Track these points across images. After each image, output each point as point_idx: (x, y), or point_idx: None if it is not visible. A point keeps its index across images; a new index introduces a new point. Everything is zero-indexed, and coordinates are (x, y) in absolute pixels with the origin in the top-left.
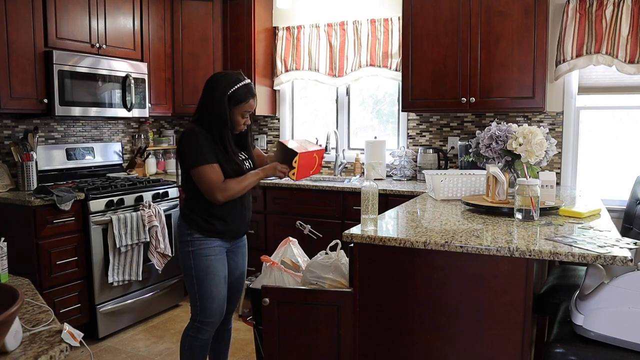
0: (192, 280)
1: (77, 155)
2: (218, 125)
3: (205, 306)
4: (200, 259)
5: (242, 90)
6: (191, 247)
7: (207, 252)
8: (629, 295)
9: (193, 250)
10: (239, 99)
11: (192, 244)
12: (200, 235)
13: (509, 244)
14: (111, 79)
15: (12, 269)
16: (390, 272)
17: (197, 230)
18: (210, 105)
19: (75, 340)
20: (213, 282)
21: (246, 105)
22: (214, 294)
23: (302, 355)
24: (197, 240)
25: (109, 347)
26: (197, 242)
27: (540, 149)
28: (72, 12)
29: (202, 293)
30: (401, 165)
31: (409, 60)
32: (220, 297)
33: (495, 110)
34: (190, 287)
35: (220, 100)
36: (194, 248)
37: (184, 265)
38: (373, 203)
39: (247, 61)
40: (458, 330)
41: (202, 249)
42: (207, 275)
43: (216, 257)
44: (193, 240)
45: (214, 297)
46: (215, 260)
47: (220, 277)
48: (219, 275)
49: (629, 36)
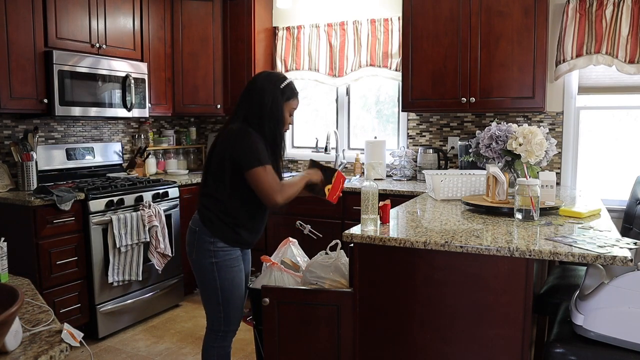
0: (216, 292)
1: (77, 155)
2: (271, 120)
3: (229, 317)
4: (225, 270)
5: (291, 86)
6: (215, 258)
7: (231, 263)
8: (629, 295)
9: (217, 261)
10: (290, 95)
11: (216, 254)
12: (225, 245)
13: (509, 244)
14: (111, 79)
15: (12, 269)
16: (390, 272)
17: (221, 239)
18: (263, 104)
19: (75, 340)
20: (238, 293)
21: (294, 102)
22: (237, 303)
23: (302, 355)
24: (220, 250)
25: (109, 347)
26: (221, 253)
27: (540, 149)
28: (72, 12)
29: (226, 304)
30: (401, 165)
31: (409, 60)
32: (242, 304)
33: (495, 110)
34: (211, 299)
35: (273, 93)
36: (218, 259)
37: (207, 276)
38: (373, 203)
39: (247, 61)
40: (458, 330)
41: (226, 260)
42: (232, 288)
43: (239, 268)
44: (217, 251)
45: (237, 306)
46: (239, 270)
47: (243, 288)
48: (241, 285)
49: (629, 36)
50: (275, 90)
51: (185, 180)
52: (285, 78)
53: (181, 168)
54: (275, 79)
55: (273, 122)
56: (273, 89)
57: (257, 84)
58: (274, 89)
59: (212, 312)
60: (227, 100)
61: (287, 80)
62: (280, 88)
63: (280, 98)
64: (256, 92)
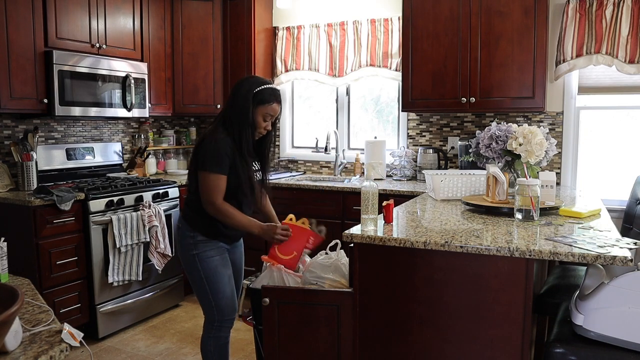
0: (202, 283)
1: (77, 155)
2: (239, 122)
3: (221, 306)
4: (207, 261)
5: (268, 91)
6: (195, 249)
7: (212, 254)
8: (629, 295)
9: (198, 253)
10: (263, 99)
11: (196, 246)
12: (204, 238)
13: (509, 244)
14: (111, 79)
15: (12, 269)
16: (390, 272)
17: (200, 232)
18: (234, 102)
19: (75, 340)
20: (223, 281)
21: (269, 108)
22: (226, 292)
23: (302, 355)
24: (200, 242)
25: (109, 347)
26: (201, 245)
27: (540, 149)
28: (72, 12)
29: (215, 294)
30: (401, 165)
31: (409, 60)
32: (232, 293)
33: (495, 110)
34: (200, 290)
35: (245, 96)
36: (198, 251)
37: (190, 269)
38: (373, 203)
39: (247, 61)
40: (458, 330)
41: (207, 250)
42: (216, 276)
43: (221, 257)
44: (196, 243)
45: (227, 295)
46: (221, 259)
47: (228, 275)
48: (226, 274)
49: (629, 36)
50: (247, 94)
51: (185, 180)
52: (264, 83)
53: (181, 168)
54: (251, 83)
55: (240, 126)
56: (246, 93)
57: (235, 87)
58: (247, 94)
59: (204, 303)
60: None
61: (266, 85)
62: (254, 92)
63: (251, 103)
64: (232, 95)
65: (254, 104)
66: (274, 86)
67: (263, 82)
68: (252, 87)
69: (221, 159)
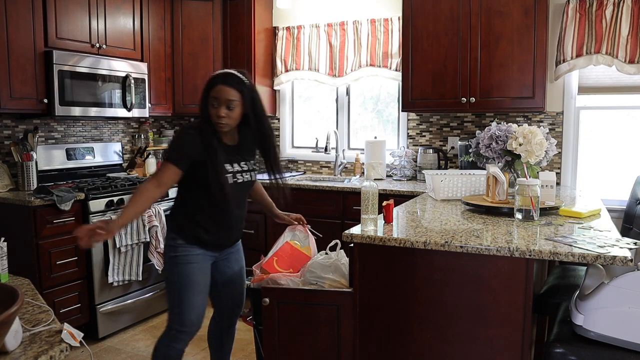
0: (173, 287)
1: (77, 155)
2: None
3: (183, 315)
4: (183, 266)
5: (215, 76)
6: (174, 252)
7: (190, 260)
8: (629, 295)
9: (176, 255)
10: (208, 86)
11: (176, 249)
12: (184, 242)
13: (509, 244)
14: (111, 79)
15: (12, 269)
16: (390, 272)
17: (181, 236)
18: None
19: (75, 340)
20: (194, 291)
21: (213, 91)
22: (194, 303)
23: (302, 355)
24: (180, 246)
25: (109, 347)
26: (181, 249)
27: (540, 149)
28: (72, 12)
29: (180, 301)
30: (401, 165)
31: (409, 60)
32: (199, 307)
33: (495, 110)
34: (170, 294)
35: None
36: (177, 254)
37: (167, 270)
38: (373, 203)
39: (247, 61)
40: (458, 330)
41: (185, 255)
42: (188, 284)
43: (199, 266)
44: (177, 246)
45: (193, 306)
46: (198, 268)
47: (201, 287)
48: (200, 284)
49: (629, 36)
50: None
51: None
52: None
53: None
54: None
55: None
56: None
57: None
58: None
59: (169, 307)
60: None
61: (217, 72)
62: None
63: (204, 94)
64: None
65: (205, 94)
66: (233, 71)
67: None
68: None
69: (180, 152)
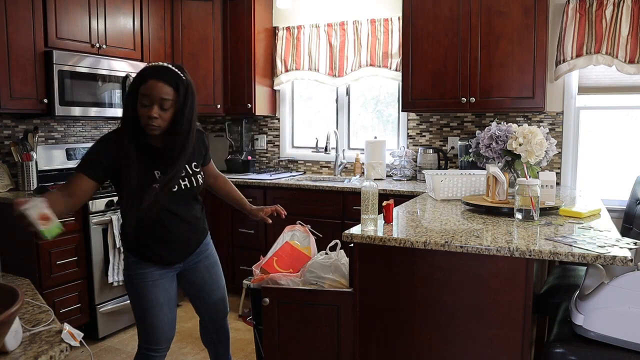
0: (134, 306)
1: (77, 155)
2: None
3: (148, 334)
4: (136, 284)
5: (146, 69)
6: (128, 270)
7: (144, 277)
8: (629, 295)
9: (130, 275)
10: (137, 81)
11: (129, 267)
12: (136, 259)
13: (509, 244)
14: (111, 79)
15: (12, 269)
16: (390, 272)
17: (132, 253)
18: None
19: (75, 340)
20: (154, 310)
21: (144, 87)
22: (155, 322)
23: (302, 355)
24: (133, 264)
25: (109, 347)
26: (134, 266)
27: (540, 149)
28: (72, 12)
29: (143, 321)
30: (401, 165)
31: (409, 60)
32: (162, 324)
33: (495, 110)
34: (133, 312)
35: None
36: (130, 272)
37: (126, 288)
38: (373, 203)
39: (247, 61)
40: (458, 330)
41: (139, 274)
42: (146, 303)
43: (154, 283)
44: (130, 264)
45: (155, 325)
46: (153, 286)
47: (162, 304)
48: (159, 301)
49: (629, 36)
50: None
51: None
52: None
53: None
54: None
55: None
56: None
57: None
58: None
59: (137, 326)
60: (227, 100)
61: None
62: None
63: (131, 90)
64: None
65: (133, 90)
66: (169, 64)
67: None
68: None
69: (92, 160)
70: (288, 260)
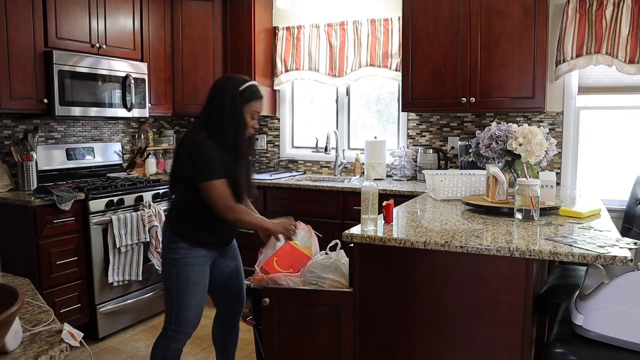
0: (171, 288)
1: (77, 155)
2: (231, 125)
3: (181, 315)
4: (183, 267)
5: (252, 88)
6: (175, 254)
7: (191, 262)
8: (629, 295)
9: (177, 258)
10: (249, 97)
11: (177, 252)
12: (186, 245)
13: (509, 244)
14: (111, 79)
15: (12, 269)
16: (390, 272)
17: (183, 239)
18: (222, 107)
19: (75, 340)
20: (193, 292)
21: (255, 105)
22: (192, 304)
23: (302, 355)
24: (181, 249)
25: (109, 347)
26: (182, 251)
27: (540, 149)
28: (72, 12)
29: (180, 302)
30: (401, 165)
31: (409, 60)
32: (198, 307)
33: (495, 110)
34: (168, 294)
35: (232, 99)
36: (178, 256)
37: (166, 271)
38: (373, 203)
39: (247, 61)
40: (458, 330)
41: (186, 257)
42: (187, 285)
43: (200, 267)
44: (178, 248)
45: (191, 307)
46: (199, 270)
47: (200, 288)
48: (200, 285)
49: (629, 36)
50: (234, 92)
51: None
52: (246, 81)
53: None
54: (235, 82)
55: (232, 125)
56: (232, 91)
57: (216, 88)
58: (233, 92)
59: (167, 308)
60: None
61: (248, 82)
62: (239, 90)
63: (239, 100)
64: (216, 95)
65: (242, 103)
66: (255, 82)
67: (245, 80)
68: (237, 87)
69: (217, 164)
70: (288, 260)
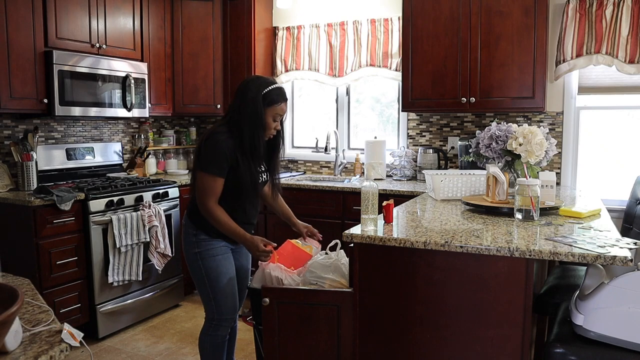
0: (203, 281)
1: (77, 155)
2: (251, 125)
3: (220, 304)
4: (208, 259)
5: (276, 91)
6: (197, 248)
7: (214, 252)
8: (629, 295)
9: (200, 251)
10: (272, 100)
11: (198, 245)
12: (207, 237)
13: (509, 244)
14: (111, 79)
15: (12, 269)
16: (390, 272)
17: (203, 231)
18: (243, 106)
19: (75, 340)
20: (224, 280)
21: (278, 108)
22: (226, 291)
23: (302, 355)
24: (203, 241)
25: (109, 347)
26: (204, 243)
27: (540, 149)
28: (72, 12)
29: (215, 292)
30: (401, 165)
31: (409, 60)
32: (233, 293)
33: (495, 110)
34: (201, 288)
35: (254, 98)
36: (201, 249)
37: (193, 266)
38: (373, 203)
39: (247, 61)
40: (458, 330)
41: (209, 249)
42: (217, 275)
43: (224, 257)
44: (199, 242)
45: (227, 294)
46: (223, 259)
47: (230, 275)
48: (228, 273)
49: (629, 36)
50: (257, 95)
51: (185, 180)
52: (271, 83)
53: (181, 168)
54: (259, 84)
55: (252, 126)
56: (255, 93)
57: (241, 87)
58: (256, 94)
59: (205, 301)
60: (227, 100)
61: (273, 85)
62: (262, 93)
63: (261, 103)
64: (239, 96)
65: (264, 105)
66: (280, 85)
67: (270, 82)
68: (260, 89)
69: (220, 160)
70: (289, 258)
